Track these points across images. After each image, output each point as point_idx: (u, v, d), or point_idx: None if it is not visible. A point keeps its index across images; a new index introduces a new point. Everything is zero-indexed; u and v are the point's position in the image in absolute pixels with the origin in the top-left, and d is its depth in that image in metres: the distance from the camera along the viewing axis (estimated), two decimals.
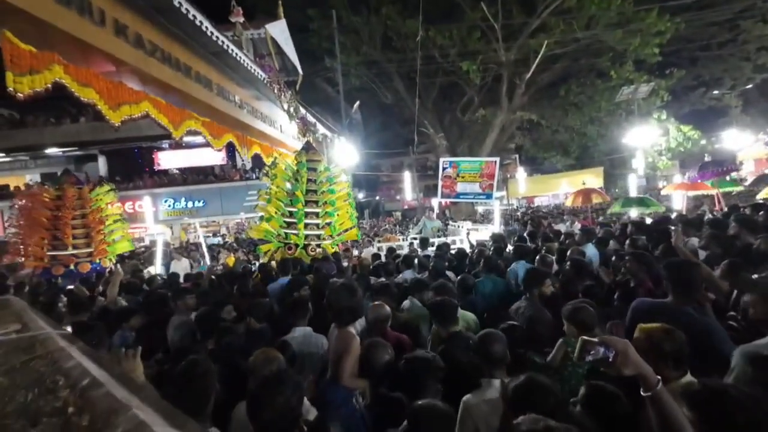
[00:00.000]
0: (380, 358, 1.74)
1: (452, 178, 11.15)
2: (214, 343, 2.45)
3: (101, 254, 6.82)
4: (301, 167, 5.77)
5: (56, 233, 6.43)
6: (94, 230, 6.73)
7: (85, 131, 16.50)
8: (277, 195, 5.73)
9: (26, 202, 6.71)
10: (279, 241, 5.73)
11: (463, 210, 18.72)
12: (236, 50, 5.99)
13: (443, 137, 18.65)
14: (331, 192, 5.85)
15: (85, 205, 6.72)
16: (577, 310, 2.01)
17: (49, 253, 6.48)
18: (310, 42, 15.74)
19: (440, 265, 4.40)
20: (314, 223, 5.68)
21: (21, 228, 6.63)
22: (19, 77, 3.39)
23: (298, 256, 5.45)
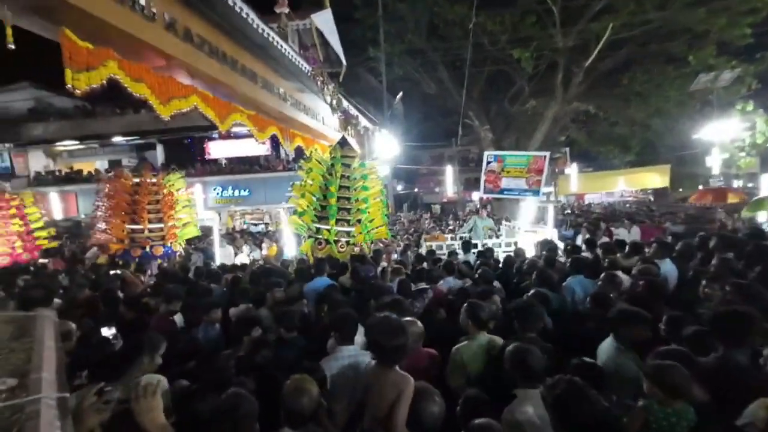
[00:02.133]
0: (430, 410, 1.52)
1: (496, 172, 10.64)
2: (245, 351, 2.36)
3: (172, 238, 7.17)
4: (336, 162, 5.65)
5: (134, 217, 6.83)
6: (166, 215, 7.07)
7: (146, 121, 17.74)
8: (311, 189, 5.64)
9: (109, 187, 7.13)
10: (309, 235, 5.69)
11: (507, 206, 17.83)
12: (281, 42, 5.92)
13: (488, 129, 17.75)
14: (364, 189, 5.70)
15: (159, 191, 7.05)
16: (665, 371, 1.60)
17: (129, 236, 6.89)
18: (354, 32, 15.53)
19: (488, 273, 4.06)
20: (345, 219, 5.56)
21: (105, 211, 7.08)
22: (77, 74, 3.51)
23: (327, 252, 5.40)
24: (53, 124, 18.49)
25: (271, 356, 2.26)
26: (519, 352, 1.79)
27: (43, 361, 0.95)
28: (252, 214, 19.77)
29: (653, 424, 1.53)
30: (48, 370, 0.91)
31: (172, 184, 7.25)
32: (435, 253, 5.77)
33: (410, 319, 2.68)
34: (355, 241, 5.59)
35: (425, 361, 2.42)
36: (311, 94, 8.43)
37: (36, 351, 1.03)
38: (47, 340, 1.13)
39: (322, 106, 8.99)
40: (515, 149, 15.45)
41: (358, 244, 5.59)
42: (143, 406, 1.23)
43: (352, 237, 5.60)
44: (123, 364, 1.68)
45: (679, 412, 1.55)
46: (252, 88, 6.12)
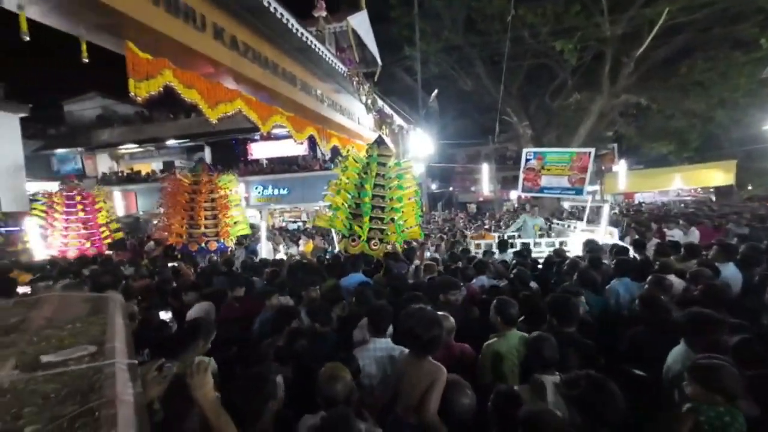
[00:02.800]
0: (462, 401, 1.54)
1: (536, 170, 10.27)
2: (283, 341, 2.49)
3: (225, 235, 7.67)
4: (372, 161, 5.75)
5: (192, 214, 7.38)
6: (221, 213, 7.58)
7: (195, 125, 19.04)
8: (347, 187, 5.79)
9: (170, 186, 7.79)
10: (345, 233, 5.82)
11: (547, 206, 17.07)
12: (319, 45, 6.11)
13: (528, 126, 17.09)
14: (399, 188, 5.74)
15: (215, 190, 7.58)
16: (714, 371, 1.49)
17: (187, 232, 7.47)
18: (389, 31, 15.61)
19: (524, 273, 3.95)
20: (379, 217, 5.64)
21: (166, 208, 7.74)
22: (139, 83, 3.87)
23: (360, 249, 5.52)
24: (117, 129, 20.37)
25: (307, 346, 2.37)
26: (538, 340, 1.88)
27: (116, 333, 1.09)
28: (290, 212, 20.55)
29: (705, 425, 1.43)
30: (119, 340, 1.05)
31: (225, 184, 7.73)
32: (470, 251, 5.67)
33: (442, 313, 2.69)
34: (388, 239, 5.66)
35: (457, 354, 2.43)
36: (347, 94, 8.60)
37: (109, 325, 1.18)
38: (117, 317, 1.28)
39: (358, 106, 9.13)
40: (556, 146, 14.77)
41: (391, 242, 5.66)
42: (197, 381, 1.36)
43: (385, 235, 5.68)
44: (180, 345, 1.86)
45: (732, 412, 1.45)
46: (291, 90, 6.37)
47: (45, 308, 1.31)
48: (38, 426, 0.59)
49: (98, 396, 0.69)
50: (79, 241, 7.96)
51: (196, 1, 4.22)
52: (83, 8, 3.28)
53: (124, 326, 1.22)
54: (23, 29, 2.94)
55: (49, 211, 7.83)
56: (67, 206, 7.84)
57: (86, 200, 8.13)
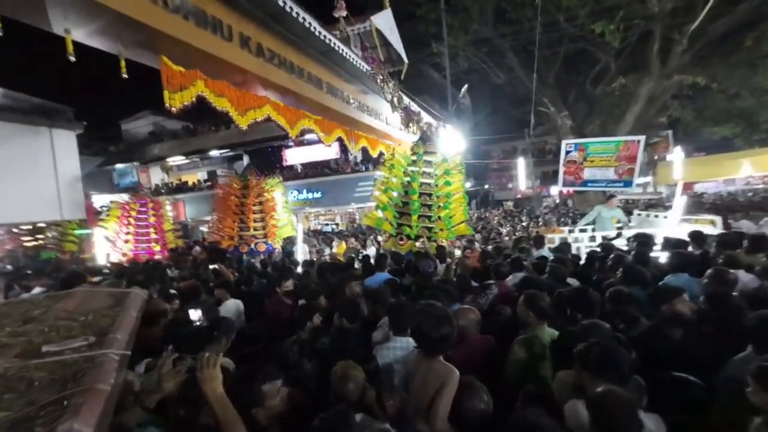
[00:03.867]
0: (475, 407, 1.41)
1: (578, 162, 9.72)
2: (306, 337, 2.49)
3: (272, 236, 8.01)
4: (419, 158, 5.67)
5: (242, 217, 7.77)
6: (268, 215, 7.93)
7: (234, 135, 20.12)
8: (393, 185, 5.76)
9: (222, 191, 8.28)
10: (393, 233, 5.79)
11: (591, 200, 15.99)
12: (342, 47, 6.16)
13: (567, 116, 16.14)
14: (447, 184, 5.61)
15: (262, 193, 7.94)
16: None
17: (238, 234, 7.85)
18: (416, 29, 15.46)
19: (559, 269, 3.67)
20: (427, 215, 5.55)
21: (218, 213, 8.19)
22: (173, 94, 4.09)
23: (409, 248, 5.46)
24: (167, 143, 22.01)
25: (329, 343, 2.35)
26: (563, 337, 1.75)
27: (122, 325, 1.11)
28: (324, 216, 21.00)
29: None
30: (122, 332, 1.06)
31: (272, 188, 8.05)
32: (502, 249, 5.40)
33: (467, 307, 2.57)
34: (436, 237, 5.53)
35: (479, 347, 2.30)
36: (374, 95, 8.61)
37: (120, 317, 1.20)
38: (131, 311, 1.31)
39: (385, 106, 9.10)
40: (600, 136, 13.79)
41: (439, 240, 5.51)
42: (205, 375, 1.36)
43: (433, 233, 5.56)
44: (201, 342, 1.90)
45: None
46: (318, 93, 6.47)
47: (70, 301, 1.37)
48: (9, 413, 0.59)
49: (75, 384, 0.68)
50: (149, 246, 8.60)
51: (222, 13, 4.41)
52: (122, 28, 3.53)
53: (134, 319, 1.24)
54: (69, 51, 3.23)
55: (122, 218, 8.47)
56: (139, 213, 8.51)
57: (156, 208, 8.82)
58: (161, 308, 2.32)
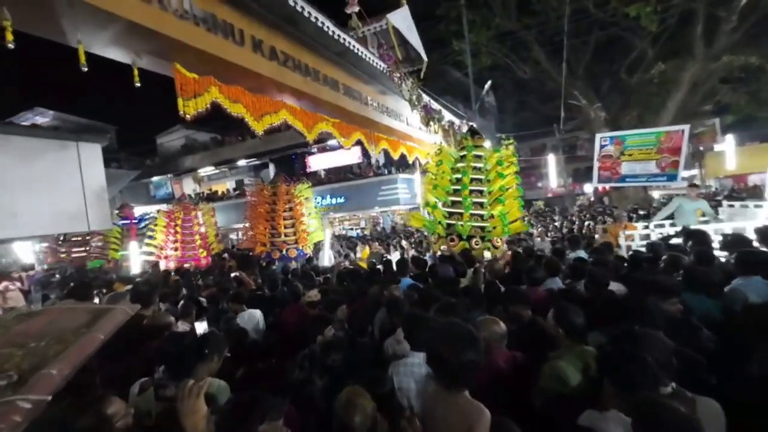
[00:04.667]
0: None
1: (614, 157, 9.10)
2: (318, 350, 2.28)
3: (303, 242, 8.01)
4: (468, 151, 5.37)
5: (273, 223, 7.82)
6: (298, 220, 7.94)
7: (260, 144, 20.58)
8: (442, 183, 5.48)
9: (253, 198, 8.37)
10: (446, 233, 5.49)
11: (631, 196, 14.92)
12: (358, 46, 6.00)
13: (600, 108, 15.21)
14: (500, 176, 5.23)
15: (292, 199, 7.97)
16: None
17: (270, 240, 7.89)
18: (435, 28, 15.16)
19: (598, 273, 3.24)
20: (479, 213, 5.23)
21: (250, 220, 8.27)
22: (187, 101, 4.06)
23: (461, 249, 5.17)
24: (198, 155, 22.90)
25: (340, 360, 2.12)
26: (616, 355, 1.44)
27: (69, 357, 0.93)
28: (349, 220, 20.98)
29: None
30: (63, 367, 0.87)
31: (301, 193, 8.03)
32: (534, 251, 4.97)
33: (491, 318, 2.28)
34: (491, 236, 5.20)
35: (505, 363, 2.00)
36: (393, 95, 8.40)
37: (75, 343, 1.02)
38: (98, 333, 1.14)
39: (405, 106, 8.87)
40: (638, 127, 12.84)
41: (493, 240, 5.18)
42: (186, 407, 1.17)
43: (487, 232, 5.22)
44: (192, 362, 1.73)
45: None
46: (335, 96, 6.34)
47: (38, 321, 1.22)
48: None
49: None
50: (195, 252, 8.77)
51: (233, 17, 4.35)
52: (134, 36, 3.52)
53: (95, 344, 1.07)
54: (82, 62, 3.25)
55: (168, 226, 8.70)
56: (185, 221, 8.72)
57: (201, 216, 9.04)
58: (164, 322, 2.19)
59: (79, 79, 3.40)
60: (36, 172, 4.39)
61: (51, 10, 2.93)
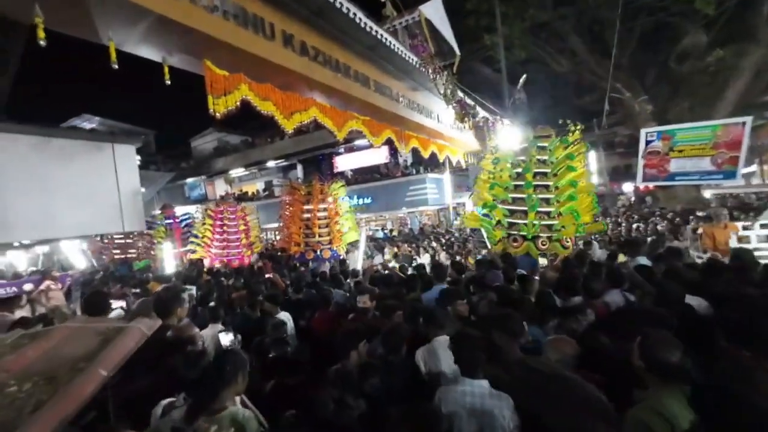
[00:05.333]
0: None
1: (662, 153, 8.41)
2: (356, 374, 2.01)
3: (337, 242, 7.80)
4: (531, 144, 4.95)
5: (308, 223, 7.67)
6: (332, 220, 7.75)
7: (289, 146, 20.85)
8: (502, 180, 5.09)
9: (287, 198, 8.23)
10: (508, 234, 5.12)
11: (680, 196, 13.74)
12: (391, 39, 5.73)
13: (646, 100, 14.12)
14: (570, 170, 4.75)
15: (326, 199, 7.78)
16: None
17: (304, 241, 7.71)
18: (465, 23, 14.64)
19: (670, 286, 2.74)
20: (546, 210, 4.81)
21: (285, 220, 8.13)
22: (217, 99, 3.95)
23: (525, 250, 4.82)
24: (229, 157, 23.55)
25: (379, 385, 1.85)
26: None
27: (51, 411, 0.70)
28: (376, 221, 20.79)
29: None
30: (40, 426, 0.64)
31: (336, 192, 7.84)
32: (587, 255, 4.47)
33: (562, 338, 1.94)
34: (560, 235, 4.78)
35: None
36: (425, 91, 8.08)
37: (69, 385, 0.80)
38: (100, 368, 0.92)
39: (437, 103, 8.52)
40: (689, 121, 11.76)
41: (563, 239, 4.75)
42: None
43: (555, 231, 4.80)
44: (216, 388, 1.51)
45: None
46: (365, 92, 6.11)
47: (33, 349, 1.02)
48: None
49: None
50: (240, 251, 8.76)
51: (264, 11, 4.21)
52: (164, 32, 3.43)
53: (92, 385, 0.84)
54: (113, 59, 3.19)
55: (215, 225, 8.73)
56: (230, 219, 8.75)
57: (246, 215, 9.04)
58: (187, 335, 2.00)
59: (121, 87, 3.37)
60: (73, 173, 4.44)
61: (82, 6, 2.86)
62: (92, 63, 4.46)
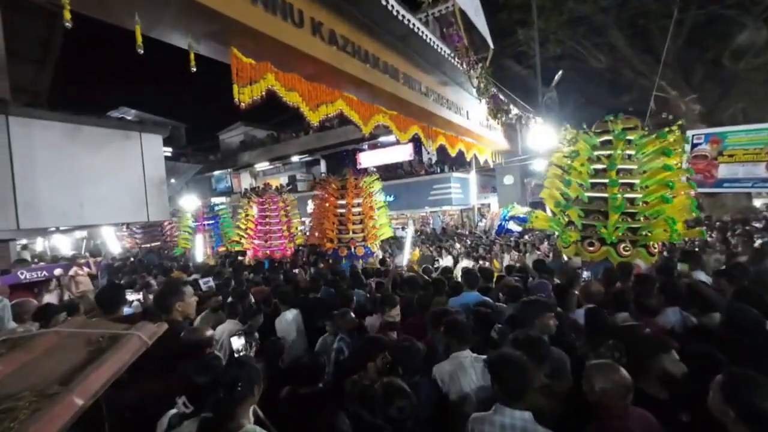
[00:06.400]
0: None
1: (710, 157, 7.88)
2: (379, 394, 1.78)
3: (371, 239, 7.35)
4: (616, 138, 4.39)
5: (341, 219, 7.26)
6: (366, 216, 7.30)
7: (313, 141, 20.92)
8: (579, 176, 4.53)
9: (321, 192, 7.79)
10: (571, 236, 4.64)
11: (729, 204, 12.69)
12: (423, 29, 5.46)
13: (693, 100, 13.14)
14: (666, 168, 4.18)
15: (360, 193, 7.27)
16: None
17: (337, 237, 7.25)
18: (497, 17, 14.07)
19: (744, 310, 2.33)
20: (629, 212, 4.32)
21: (318, 214, 7.72)
22: (242, 88, 3.82)
23: (602, 255, 4.33)
24: (255, 151, 23.92)
25: (407, 407, 1.61)
26: None
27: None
28: (397, 219, 20.54)
29: None
30: None
31: (371, 186, 7.36)
32: (632, 267, 4.05)
33: (609, 364, 1.65)
34: (647, 240, 4.26)
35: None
36: (454, 86, 7.74)
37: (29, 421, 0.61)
38: (76, 396, 0.74)
39: (466, 99, 8.16)
40: (742, 123, 10.81)
41: (650, 246, 4.24)
42: None
43: (639, 235, 4.29)
44: (232, 404, 1.37)
45: None
46: (394, 85, 5.87)
47: (10, 360, 0.85)
48: None
49: None
50: (282, 242, 8.51)
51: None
52: (192, 17, 3.32)
53: (61, 419, 0.66)
54: (138, 43, 3.10)
55: (258, 215, 8.48)
56: (272, 210, 8.50)
57: (287, 206, 8.77)
58: (202, 338, 1.84)
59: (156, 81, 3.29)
60: (101, 162, 4.46)
61: None
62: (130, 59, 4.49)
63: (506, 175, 15.21)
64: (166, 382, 1.70)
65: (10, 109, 3.48)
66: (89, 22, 3.15)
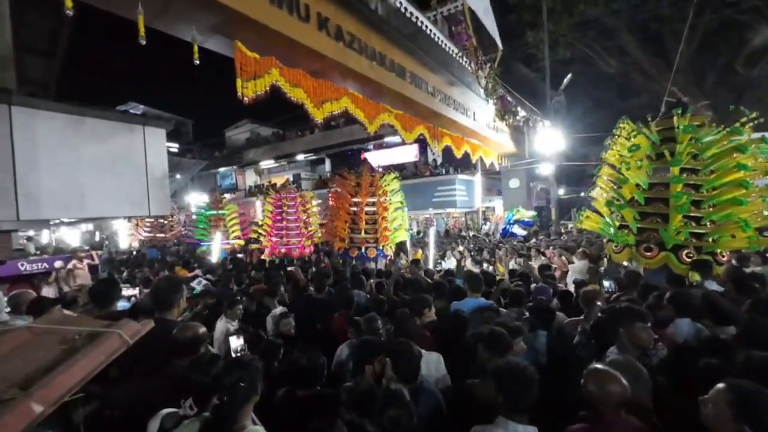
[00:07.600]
0: None
1: None
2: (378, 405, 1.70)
3: (384, 240, 6.98)
4: (680, 133, 3.96)
5: (354, 218, 6.93)
6: (380, 216, 6.92)
7: (318, 139, 20.90)
8: (636, 174, 4.16)
9: (336, 188, 7.39)
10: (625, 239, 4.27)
11: None
12: (432, 28, 5.37)
13: (705, 106, 12.93)
14: (741, 168, 3.70)
15: (376, 192, 6.93)
16: None
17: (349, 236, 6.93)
18: (506, 19, 13.95)
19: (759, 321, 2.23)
20: (694, 216, 3.92)
21: (331, 212, 7.38)
22: (246, 83, 3.76)
23: (661, 262, 3.96)
24: (260, 148, 23.96)
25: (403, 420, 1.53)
26: None
27: None
28: None
29: None
30: None
31: (387, 184, 7.04)
32: (640, 275, 3.93)
33: (605, 371, 1.57)
34: (714, 247, 3.87)
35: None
36: (461, 87, 7.64)
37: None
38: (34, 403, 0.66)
39: (473, 100, 8.05)
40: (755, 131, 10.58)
41: (717, 254, 3.86)
42: None
43: (705, 242, 3.90)
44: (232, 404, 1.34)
45: None
46: (400, 84, 5.80)
47: None
48: None
49: None
50: (300, 240, 8.37)
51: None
52: (196, 8, 3.26)
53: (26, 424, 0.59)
54: (141, 34, 3.05)
55: (275, 212, 8.40)
56: (290, 207, 8.40)
57: (306, 202, 8.60)
58: (194, 334, 1.77)
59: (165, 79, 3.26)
60: (104, 154, 4.42)
61: None
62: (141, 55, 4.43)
63: (512, 179, 15.07)
64: (159, 380, 1.63)
65: (13, 99, 3.44)
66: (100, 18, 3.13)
